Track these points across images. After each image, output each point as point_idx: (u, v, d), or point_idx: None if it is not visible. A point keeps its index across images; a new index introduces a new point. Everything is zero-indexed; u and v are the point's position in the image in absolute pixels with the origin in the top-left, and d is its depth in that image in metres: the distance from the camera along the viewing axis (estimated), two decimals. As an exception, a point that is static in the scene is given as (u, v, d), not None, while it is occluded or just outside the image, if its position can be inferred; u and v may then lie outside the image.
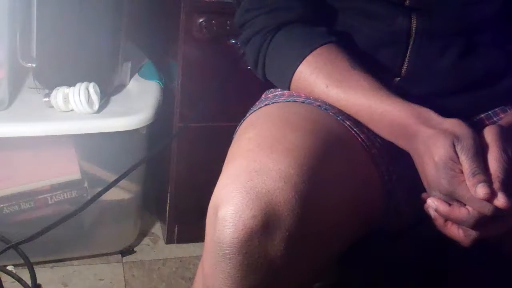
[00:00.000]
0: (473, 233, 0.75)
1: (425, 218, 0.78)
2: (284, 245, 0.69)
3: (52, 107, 1.24)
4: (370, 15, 0.88)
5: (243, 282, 0.70)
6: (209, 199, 0.73)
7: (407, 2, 0.86)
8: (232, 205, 0.68)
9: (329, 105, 0.84)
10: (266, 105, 0.88)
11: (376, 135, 0.83)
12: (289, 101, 0.87)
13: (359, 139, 0.82)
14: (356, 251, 0.87)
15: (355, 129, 0.83)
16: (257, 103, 0.94)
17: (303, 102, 0.85)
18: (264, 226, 0.68)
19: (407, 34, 0.87)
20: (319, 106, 0.84)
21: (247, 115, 0.91)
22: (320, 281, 0.92)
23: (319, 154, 0.74)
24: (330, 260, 0.80)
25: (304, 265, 0.73)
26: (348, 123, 0.83)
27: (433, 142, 0.75)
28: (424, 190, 0.79)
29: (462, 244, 0.77)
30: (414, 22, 0.86)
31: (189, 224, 1.50)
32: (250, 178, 0.69)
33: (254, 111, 0.90)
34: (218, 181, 0.73)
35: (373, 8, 0.88)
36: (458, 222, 0.76)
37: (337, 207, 0.75)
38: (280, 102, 0.88)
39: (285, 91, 0.90)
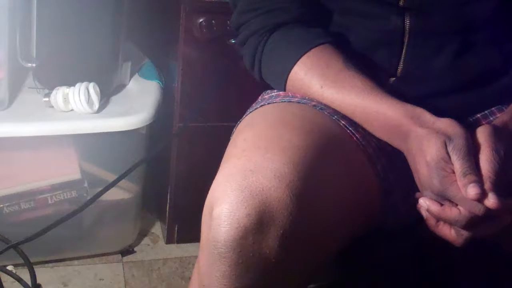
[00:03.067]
0: (465, 233, 0.75)
1: (421, 217, 0.78)
2: (278, 244, 0.69)
3: (52, 107, 1.24)
4: (364, 15, 0.89)
5: (238, 281, 0.70)
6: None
7: (401, 2, 0.86)
8: (226, 204, 0.68)
9: (325, 104, 0.85)
10: (262, 106, 0.89)
11: (372, 135, 0.83)
12: (285, 101, 0.87)
13: (355, 138, 0.83)
14: (354, 251, 0.87)
15: (350, 129, 0.83)
16: (253, 104, 0.94)
17: (299, 102, 0.85)
18: (259, 225, 0.68)
19: (401, 34, 0.87)
20: (315, 106, 0.84)
21: (244, 116, 0.91)
22: (317, 281, 0.92)
23: (315, 153, 0.74)
24: (326, 260, 0.80)
25: (299, 264, 0.73)
26: (343, 122, 0.83)
27: (425, 142, 0.75)
28: (421, 190, 0.79)
29: (455, 244, 0.77)
30: (407, 21, 0.86)
31: (189, 224, 1.50)
32: (244, 177, 0.69)
33: (250, 112, 0.90)
34: (214, 181, 0.73)
35: (367, 8, 0.88)
36: (449, 222, 0.75)
37: (332, 206, 0.75)
38: (275, 102, 0.88)
39: (281, 92, 0.90)
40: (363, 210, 0.82)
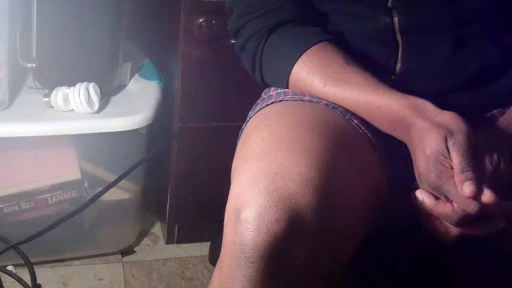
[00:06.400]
0: (454, 231, 0.75)
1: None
2: (307, 249, 0.68)
3: (52, 107, 1.24)
4: (355, 15, 0.88)
5: (262, 286, 0.68)
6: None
7: (389, 3, 0.85)
8: (255, 208, 0.67)
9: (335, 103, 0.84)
10: (273, 102, 0.87)
11: (379, 133, 0.83)
12: (296, 99, 0.86)
13: (367, 138, 0.82)
14: (356, 251, 0.87)
15: (362, 128, 0.82)
16: (259, 101, 0.93)
17: (310, 101, 0.85)
18: (288, 230, 0.67)
19: (392, 32, 0.86)
20: (326, 105, 0.84)
21: (253, 112, 0.89)
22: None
23: (334, 155, 0.73)
24: (346, 263, 0.78)
25: (324, 268, 0.72)
26: (355, 121, 0.83)
27: (425, 135, 0.75)
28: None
29: (442, 241, 0.76)
30: (396, 20, 0.85)
31: (189, 224, 1.50)
32: (271, 180, 0.68)
33: (261, 109, 0.88)
34: (236, 181, 0.71)
35: (356, 9, 0.88)
36: (441, 217, 0.75)
37: (353, 208, 0.74)
38: (286, 100, 0.87)
39: (288, 89, 0.90)
40: (375, 210, 0.81)
